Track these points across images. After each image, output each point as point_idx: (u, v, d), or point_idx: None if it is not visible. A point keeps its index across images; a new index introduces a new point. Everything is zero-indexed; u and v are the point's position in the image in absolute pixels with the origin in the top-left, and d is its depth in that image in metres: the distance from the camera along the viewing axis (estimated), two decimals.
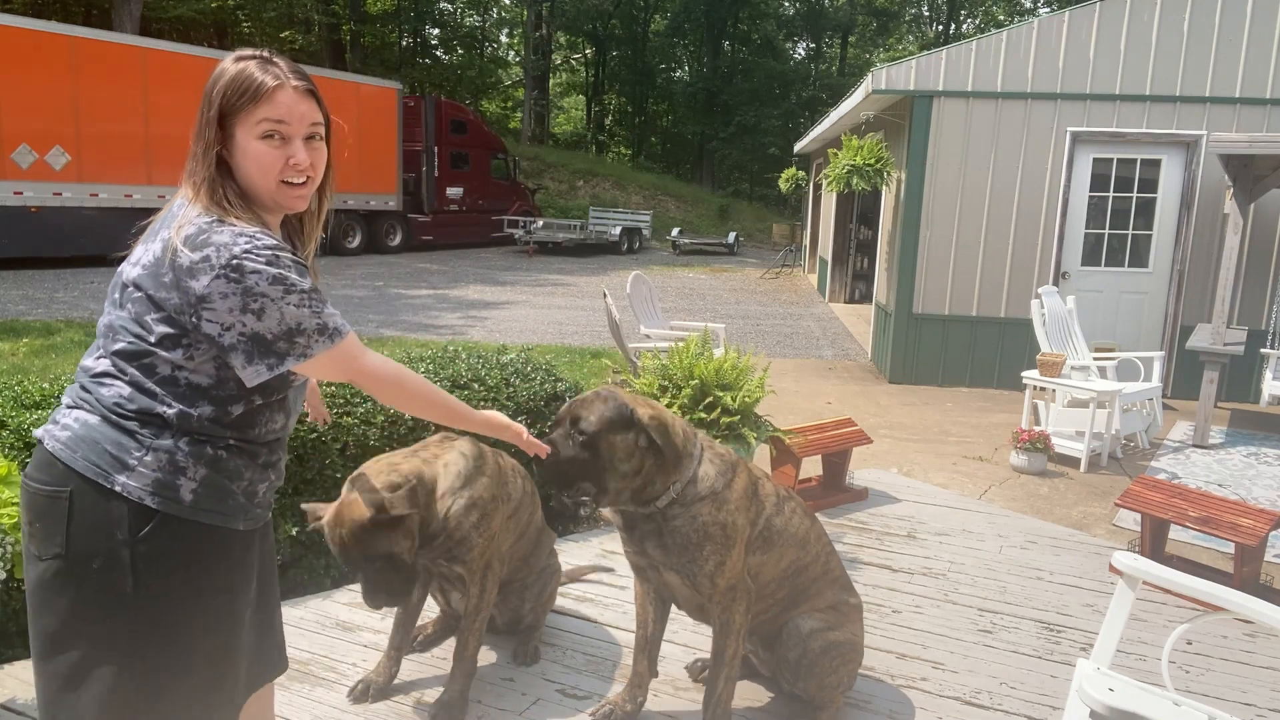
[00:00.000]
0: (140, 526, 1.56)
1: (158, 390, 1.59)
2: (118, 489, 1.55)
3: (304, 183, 1.71)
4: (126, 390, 1.59)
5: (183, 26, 26.52)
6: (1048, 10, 33.01)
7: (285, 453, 1.83)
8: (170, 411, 1.59)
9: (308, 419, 3.39)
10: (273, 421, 1.73)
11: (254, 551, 1.76)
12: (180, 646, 1.62)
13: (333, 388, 3.62)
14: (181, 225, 1.57)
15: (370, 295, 13.43)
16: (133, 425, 1.58)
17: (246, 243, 1.55)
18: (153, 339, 1.58)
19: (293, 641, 2.97)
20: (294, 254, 1.64)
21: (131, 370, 1.59)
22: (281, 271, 1.57)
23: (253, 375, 1.59)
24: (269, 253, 1.56)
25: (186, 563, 1.61)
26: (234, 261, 1.53)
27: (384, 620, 3.13)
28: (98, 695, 1.57)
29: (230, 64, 1.64)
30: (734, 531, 2.33)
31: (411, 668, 2.86)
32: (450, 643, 2.92)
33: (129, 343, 1.59)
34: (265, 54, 1.67)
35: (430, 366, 4.03)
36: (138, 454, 1.57)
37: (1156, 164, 7.86)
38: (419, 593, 2.79)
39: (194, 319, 1.55)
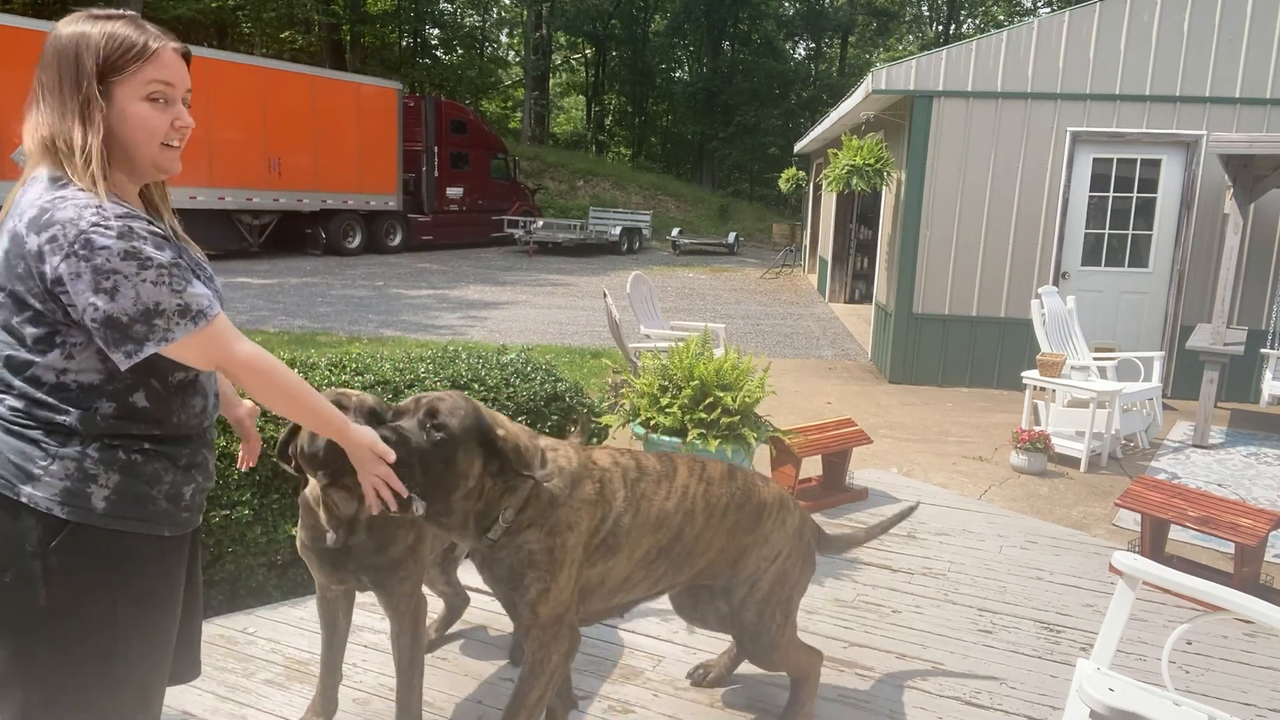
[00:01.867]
0: (50, 538, 1.47)
1: (49, 400, 1.49)
2: (24, 500, 1.47)
3: (179, 146, 1.60)
4: (20, 403, 1.50)
5: (183, 26, 26.48)
6: (1048, 10, 33.03)
7: (211, 452, 1.71)
8: (69, 419, 1.49)
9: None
10: (188, 407, 1.61)
11: (184, 558, 1.67)
12: (101, 663, 1.53)
13: (332, 387, 3.61)
14: (24, 210, 1.46)
15: (370, 295, 13.43)
16: (36, 434, 1.49)
17: (94, 215, 1.42)
18: (28, 346, 1.47)
19: (292, 641, 2.98)
20: (151, 223, 1.50)
21: (18, 383, 1.49)
22: (134, 245, 1.43)
23: (122, 361, 1.46)
24: (119, 224, 1.43)
25: (105, 575, 1.52)
26: (82, 237, 1.40)
27: (384, 620, 3.13)
28: (12, 717, 1.49)
29: (87, 25, 1.50)
30: (563, 554, 2.05)
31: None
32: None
33: (7, 355, 1.49)
34: (126, 12, 1.55)
35: (430, 366, 4.03)
36: (43, 463, 1.48)
37: (1156, 164, 7.86)
38: (344, 620, 2.50)
39: (54, 309, 1.44)
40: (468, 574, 3.04)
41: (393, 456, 1.78)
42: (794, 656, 2.55)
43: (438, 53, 37.99)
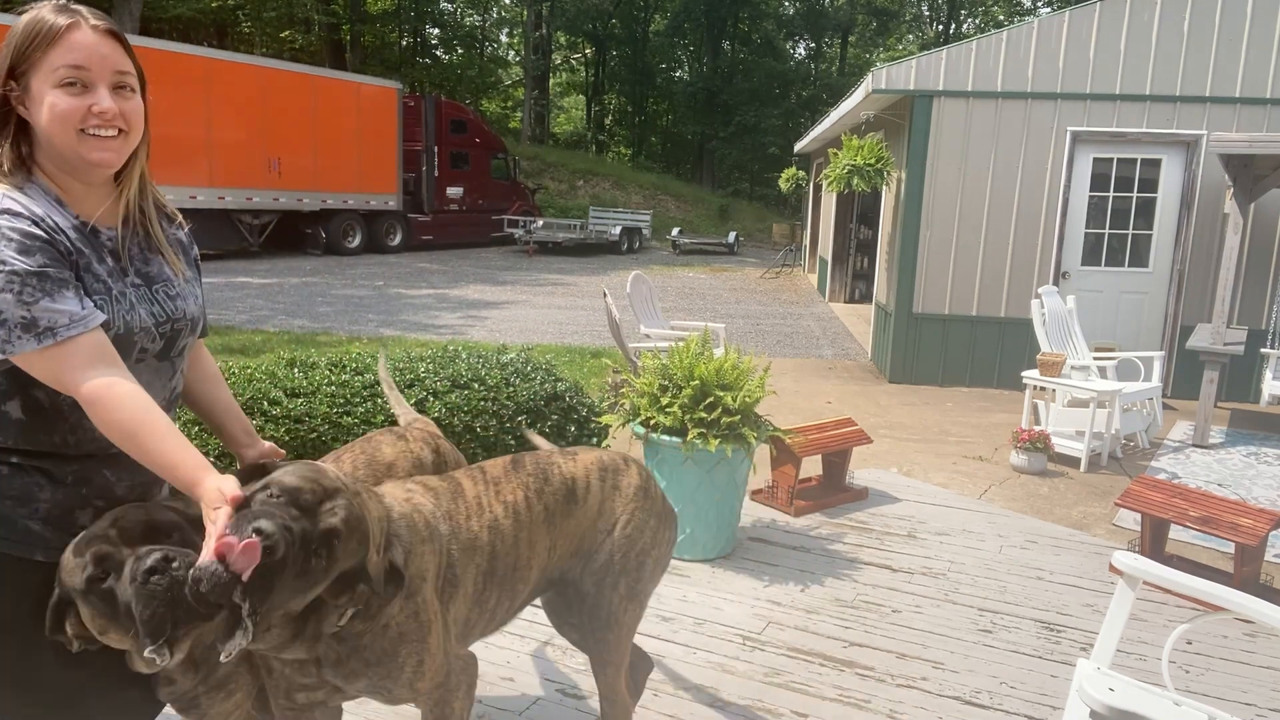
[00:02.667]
0: None
1: None
2: None
3: (114, 136, 1.44)
4: None
5: (183, 26, 26.52)
6: (1048, 10, 33.03)
7: (125, 472, 1.52)
8: None
9: (300, 427, 3.39)
10: (84, 428, 1.44)
11: None
12: None
13: (333, 387, 3.61)
14: None
15: (370, 295, 13.43)
16: None
17: None
18: None
19: None
20: (39, 223, 1.38)
21: None
22: None
23: None
24: None
25: None
26: None
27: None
28: None
29: (22, 17, 1.43)
30: (428, 613, 1.73)
31: None
32: None
33: None
34: (64, 0, 1.44)
35: (431, 366, 4.03)
36: None
37: (1157, 164, 7.86)
38: None
39: None
40: None
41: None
42: (626, 646, 2.24)
43: (438, 52, 38.00)
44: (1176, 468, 5.84)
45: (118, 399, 1.37)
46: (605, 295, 6.33)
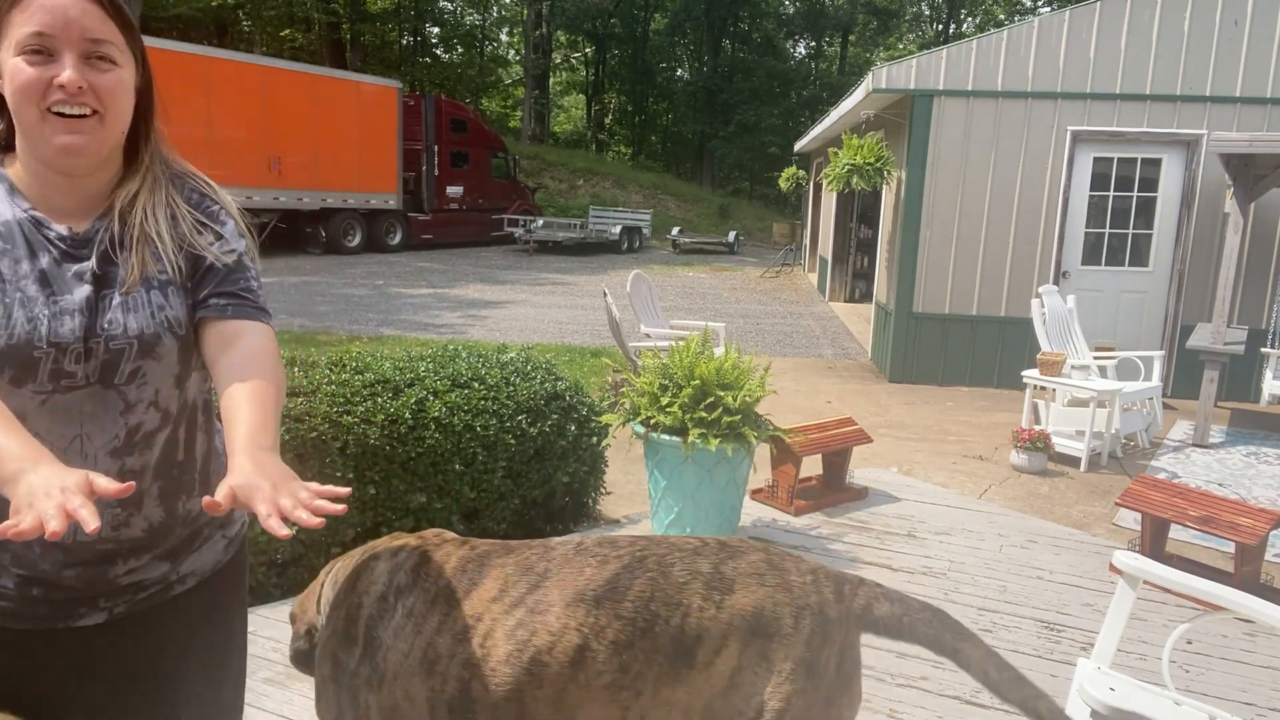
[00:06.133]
0: None
1: None
2: None
3: (86, 116, 1.20)
4: None
5: (183, 25, 26.51)
6: (1048, 9, 33.00)
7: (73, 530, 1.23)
8: None
9: (304, 426, 3.39)
10: None
11: (27, 660, 1.29)
12: None
13: (333, 386, 3.61)
14: None
15: (370, 294, 13.42)
16: None
17: None
18: None
19: None
20: None
21: None
22: None
23: None
24: None
25: None
26: None
27: None
28: None
29: None
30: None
31: None
32: None
33: None
34: None
35: (431, 365, 4.03)
36: None
37: (1157, 163, 7.85)
38: None
39: None
40: None
41: (91, 526, 0.94)
42: None
43: (438, 51, 38.00)
44: (1176, 467, 5.84)
45: None
46: (605, 294, 6.33)
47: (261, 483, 1.07)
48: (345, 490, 1.11)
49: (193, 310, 1.32)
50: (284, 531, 1.02)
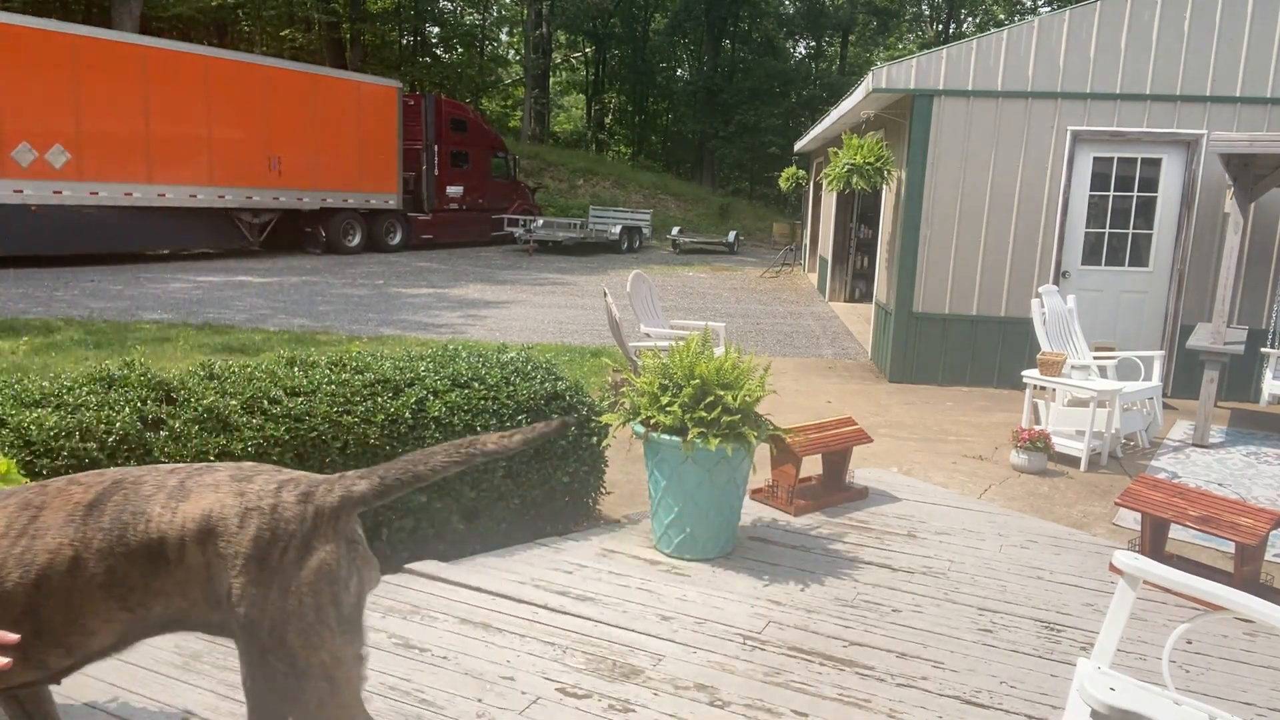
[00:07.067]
0: None
1: None
2: None
3: None
4: None
5: (183, 25, 26.53)
6: (1048, 9, 33.00)
7: None
8: None
9: (310, 422, 3.39)
10: None
11: None
12: None
13: (332, 385, 3.61)
14: None
15: (370, 294, 13.42)
16: None
17: None
18: None
19: None
20: None
21: None
22: None
23: None
24: None
25: None
26: None
27: (384, 619, 3.13)
28: None
29: None
30: None
31: None
32: None
33: None
34: None
35: (431, 365, 4.03)
36: None
37: (1157, 163, 7.85)
38: None
39: None
40: None
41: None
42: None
43: (438, 51, 38.00)
44: (1176, 467, 5.84)
45: None
46: (605, 294, 6.33)
47: None
48: (14, 637, 1.15)
49: None
50: None
